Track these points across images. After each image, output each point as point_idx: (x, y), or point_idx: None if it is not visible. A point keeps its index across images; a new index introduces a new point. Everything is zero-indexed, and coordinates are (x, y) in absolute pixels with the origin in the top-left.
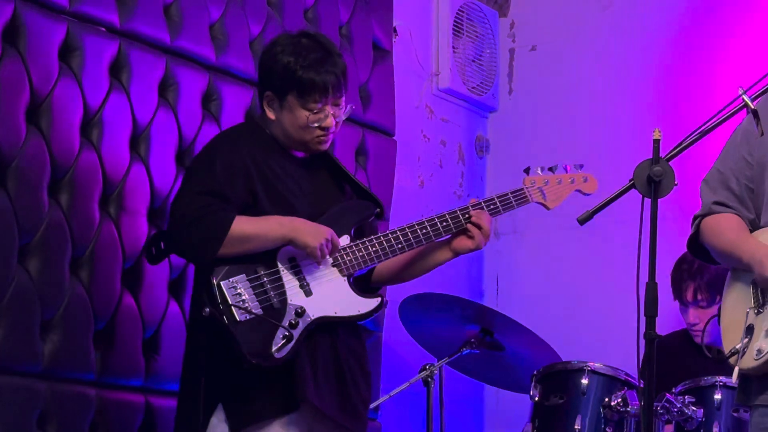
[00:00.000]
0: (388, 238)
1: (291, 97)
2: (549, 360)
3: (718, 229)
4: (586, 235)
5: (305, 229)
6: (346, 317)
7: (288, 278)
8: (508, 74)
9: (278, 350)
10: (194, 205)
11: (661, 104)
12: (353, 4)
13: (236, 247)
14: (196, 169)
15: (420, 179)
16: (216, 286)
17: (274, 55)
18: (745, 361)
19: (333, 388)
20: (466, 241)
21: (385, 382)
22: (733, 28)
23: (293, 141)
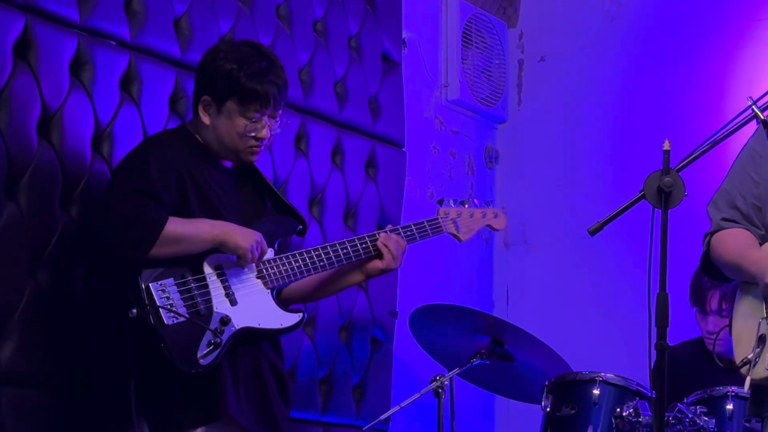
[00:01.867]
0: (311, 255)
1: (231, 103)
2: (560, 370)
3: (725, 243)
4: (596, 245)
5: (236, 231)
6: (269, 329)
7: (214, 285)
8: (517, 85)
9: (204, 357)
10: (128, 204)
11: (670, 115)
12: (362, 16)
13: (168, 248)
14: (128, 169)
15: (430, 191)
16: (144, 288)
17: (216, 61)
18: (757, 372)
19: (252, 400)
20: (376, 263)
21: (396, 393)
22: (743, 38)
23: (225, 148)
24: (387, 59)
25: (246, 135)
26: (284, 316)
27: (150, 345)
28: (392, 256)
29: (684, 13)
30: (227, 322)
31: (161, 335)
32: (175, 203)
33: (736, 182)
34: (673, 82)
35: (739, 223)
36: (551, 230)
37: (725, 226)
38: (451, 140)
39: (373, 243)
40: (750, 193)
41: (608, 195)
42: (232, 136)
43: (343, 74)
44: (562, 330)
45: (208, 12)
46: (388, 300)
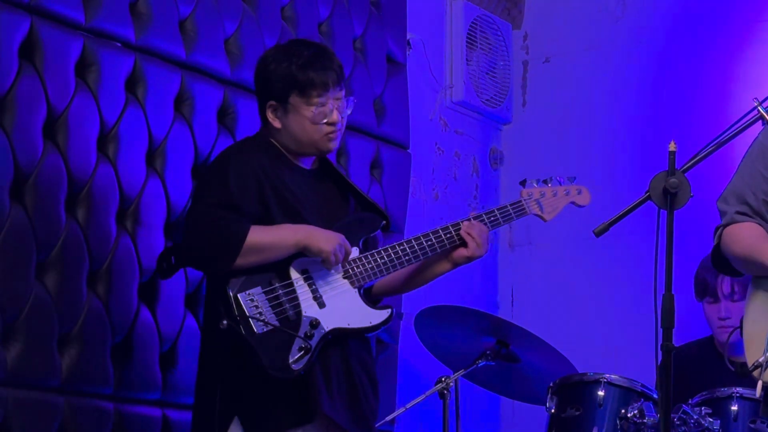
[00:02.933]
0: (396, 250)
1: (293, 98)
2: (565, 372)
3: (739, 235)
4: (601, 246)
5: (319, 235)
6: (358, 329)
7: (302, 290)
8: (521, 86)
9: (296, 362)
10: (209, 217)
11: (676, 116)
12: (367, 18)
13: (252, 257)
14: (208, 182)
15: (435, 192)
16: (233, 298)
17: (268, 66)
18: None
19: (345, 399)
20: (462, 251)
21: (401, 394)
22: (748, 38)
23: (303, 144)
24: (391, 60)
25: (318, 123)
26: (373, 313)
27: (242, 353)
28: (476, 243)
29: (689, 14)
30: (317, 325)
31: (252, 345)
32: (256, 211)
33: (747, 178)
34: (679, 83)
35: (752, 217)
36: (556, 231)
37: (739, 219)
38: (455, 141)
39: (457, 232)
40: (760, 189)
41: (614, 196)
42: (305, 128)
43: (348, 75)
44: (567, 331)
45: (213, 14)
46: (393, 302)
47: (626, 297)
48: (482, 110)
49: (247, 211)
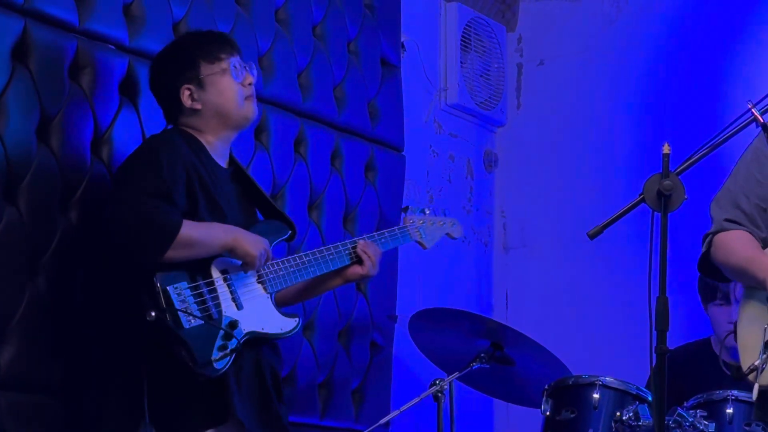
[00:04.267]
0: (303, 261)
1: (204, 67)
2: (560, 374)
3: (730, 245)
4: (596, 249)
5: (247, 238)
6: (271, 334)
7: (222, 289)
8: (516, 89)
9: (218, 360)
10: (143, 205)
11: (670, 118)
12: (361, 20)
13: (181, 252)
14: (140, 168)
15: (429, 194)
16: (161, 290)
17: (166, 61)
18: (765, 378)
19: (255, 404)
20: (357, 269)
21: (396, 396)
22: (741, 40)
23: (228, 116)
24: (386, 63)
25: (235, 83)
26: (284, 320)
27: (163, 348)
28: (372, 262)
29: (684, 17)
30: (236, 326)
31: (182, 337)
32: (184, 205)
33: (741, 182)
34: (673, 86)
35: (742, 224)
36: (551, 234)
37: (728, 227)
38: (450, 144)
39: (354, 249)
40: (754, 193)
41: (608, 198)
42: (226, 93)
43: (341, 78)
44: (561, 334)
45: (207, 16)
46: (387, 304)
47: (621, 299)
48: (476, 113)
49: (179, 203)
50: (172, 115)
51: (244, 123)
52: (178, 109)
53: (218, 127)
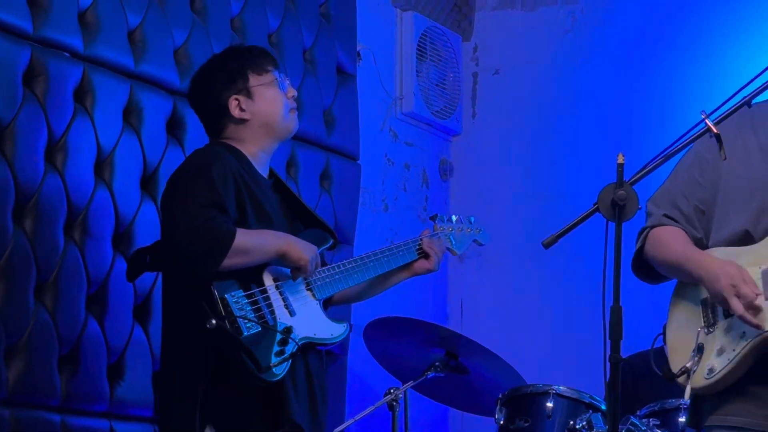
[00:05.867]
0: (352, 265)
1: (252, 78)
2: (514, 383)
3: (667, 239)
4: (551, 258)
5: (299, 244)
6: (322, 340)
7: (275, 297)
8: (471, 98)
9: (276, 366)
10: (199, 216)
11: (624, 128)
12: (317, 29)
13: (237, 259)
14: (191, 180)
15: (384, 203)
16: (220, 298)
17: (213, 73)
18: (696, 380)
19: (307, 408)
20: (424, 263)
21: (351, 406)
22: (693, 50)
23: (274, 126)
24: (341, 72)
25: (283, 95)
26: (333, 326)
27: (223, 356)
28: (438, 258)
29: (638, 26)
30: (290, 332)
31: (243, 344)
32: (235, 215)
33: (680, 183)
34: (628, 96)
35: (680, 223)
36: (506, 243)
37: (665, 222)
38: (405, 153)
39: (421, 245)
40: (694, 195)
41: (563, 208)
42: (275, 104)
43: (297, 87)
44: (516, 342)
45: (163, 24)
46: (342, 313)
47: (575, 308)
48: (432, 122)
49: (231, 212)
50: (216, 128)
51: (287, 134)
52: (225, 121)
53: (263, 137)
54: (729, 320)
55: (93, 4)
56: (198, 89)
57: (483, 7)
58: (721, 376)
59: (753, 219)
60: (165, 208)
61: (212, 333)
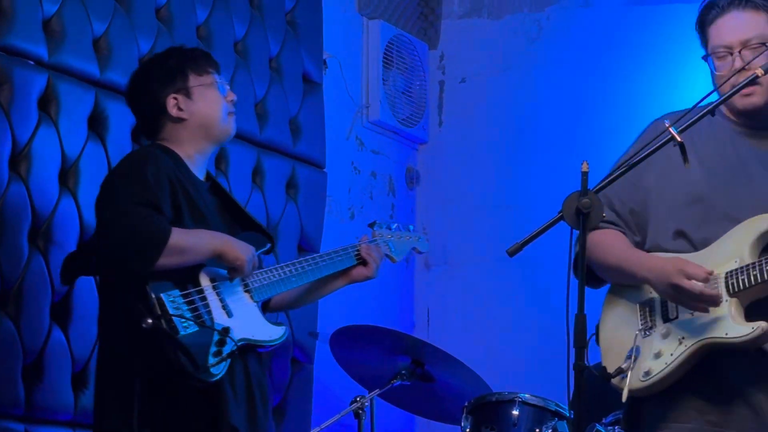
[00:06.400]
0: (290, 269)
1: (192, 78)
2: (480, 391)
3: (607, 242)
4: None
5: (236, 243)
6: (261, 342)
7: (212, 297)
8: (438, 106)
9: (213, 366)
10: (133, 215)
11: (589, 136)
12: (283, 37)
13: (172, 259)
14: (125, 179)
15: (351, 211)
16: (156, 298)
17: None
18: (632, 382)
19: (244, 412)
20: (362, 270)
21: (317, 414)
22: (657, 60)
23: (212, 127)
24: (308, 80)
25: (222, 97)
26: (272, 329)
27: (160, 357)
28: (376, 265)
29: (602, 36)
30: (228, 332)
31: (180, 343)
32: (170, 215)
33: (617, 186)
34: (592, 104)
35: (618, 225)
36: (472, 251)
37: (603, 226)
38: (371, 161)
39: (358, 253)
40: (630, 198)
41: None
42: (214, 105)
43: (263, 95)
44: (482, 350)
45: (128, 32)
46: (308, 321)
47: (541, 316)
48: (398, 130)
49: (166, 212)
50: (153, 127)
51: (225, 137)
52: (162, 120)
53: (200, 139)
54: (668, 325)
55: (58, 12)
56: (136, 86)
57: (449, 15)
58: (658, 379)
59: (693, 227)
60: (99, 208)
61: (148, 333)
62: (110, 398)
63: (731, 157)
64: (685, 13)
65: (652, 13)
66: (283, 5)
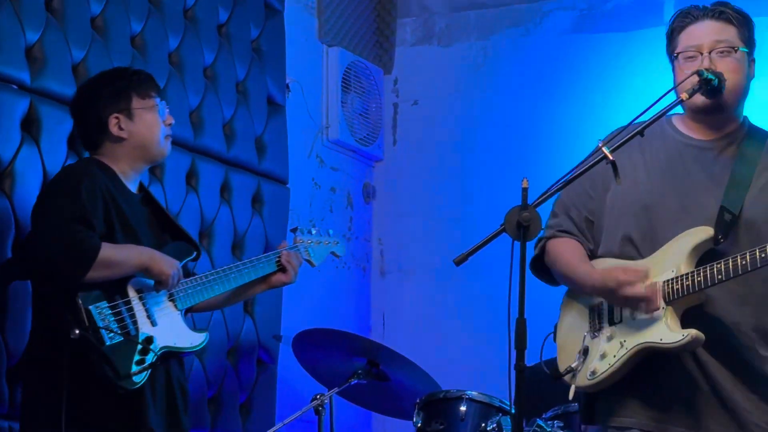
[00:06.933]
0: (213, 276)
1: (135, 101)
2: (430, 389)
3: (560, 251)
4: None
5: (161, 259)
6: (182, 348)
7: (138, 308)
8: (392, 126)
9: (135, 375)
10: (64, 229)
11: (529, 155)
12: (249, 63)
13: (101, 272)
14: (60, 196)
15: (312, 224)
16: (84, 310)
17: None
18: (580, 380)
19: (166, 415)
20: (281, 277)
21: (280, 410)
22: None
23: (148, 148)
24: (272, 103)
25: (161, 121)
26: (193, 335)
27: (84, 364)
28: (295, 271)
29: (542, 63)
30: (151, 341)
31: (104, 353)
32: (102, 229)
33: (573, 195)
34: (532, 125)
35: (573, 233)
36: (424, 260)
37: (559, 234)
38: (331, 177)
39: (278, 260)
40: (584, 206)
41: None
42: (152, 128)
43: (231, 116)
44: (433, 352)
45: (105, 59)
46: (273, 325)
47: (485, 320)
48: (356, 148)
49: (97, 228)
50: (93, 141)
51: (160, 158)
52: (102, 137)
53: (136, 157)
54: (612, 328)
55: (39, 40)
56: (82, 100)
57: (403, 43)
58: (602, 378)
59: (639, 234)
60: (33, 220)
61: (76, 342)
62: (38, 400)
63: (678, 168)
64: (617, 41)
65: (586, 42)
66: (248, 33)
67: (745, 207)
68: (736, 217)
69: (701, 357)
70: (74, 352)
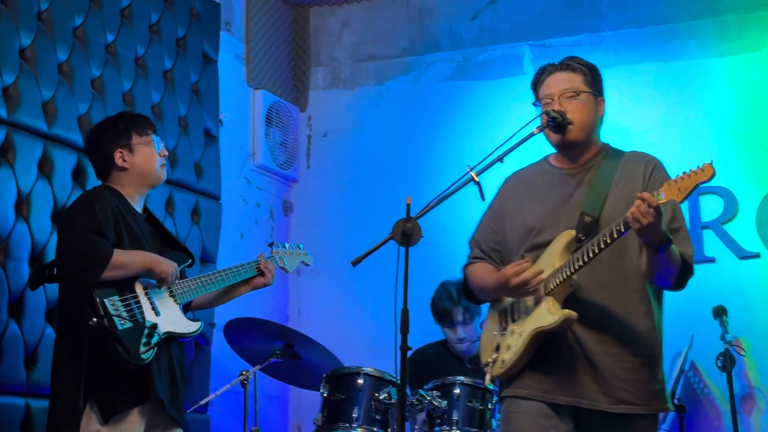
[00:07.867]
0: (206, 278)
1: (135, 138)
2: (335, 366)
3: (475, 274)
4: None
5: (161, 260)
6: (181, 333)
7: (144, 301)
8: (306, 154)
9: (144, 353)
10: (84, 239)
11: (414, 178)
12: (189, 102)
13: (114, 272)
14: (79, 212)
15: (240, 233)
16: (100, 302)
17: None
18: (495, 370)
19: (167, 387)
20: (261, 279)
21: (213, 383)
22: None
23: (147, 176)
24: (208, 134)
25: (156, 153)
26: (190, 324)
27: (102, 346)
28: (272, 275)
29: (425, 103)
30: (155, 327)
31: (118, 337)
32: (113, 240)
33: (482, 230)
34: (418, 153)
35: (483, 259)
36: (332, 261)
37: (473, 261)
38: (256, 195)
39: (257, 266)
40: (491, 239)
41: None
42: (150, 159)
43: (174, 145)
44: (338, 336)
45: (69, 98)
46: (208, 314)
47: (379, 311)
48: (277, 172)
49: (109, 236)
50: (103, 172)
51: (158, 183)
52: (110, 168)
53: (139, 184)
54: (514, 325)
55: (15, 82)
56: (92, 140)
57: (315, 86)
58: (509, 366)
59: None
60: (59, 234)
61: (94, 329)
62: (64, 378)
63: (552, 193)
64: (486, 87)
65: (462, 87)
66: (189, 78)
67: (603, 212)
68: (597, 220)
69: (578, 333)
70: (93, 336)
